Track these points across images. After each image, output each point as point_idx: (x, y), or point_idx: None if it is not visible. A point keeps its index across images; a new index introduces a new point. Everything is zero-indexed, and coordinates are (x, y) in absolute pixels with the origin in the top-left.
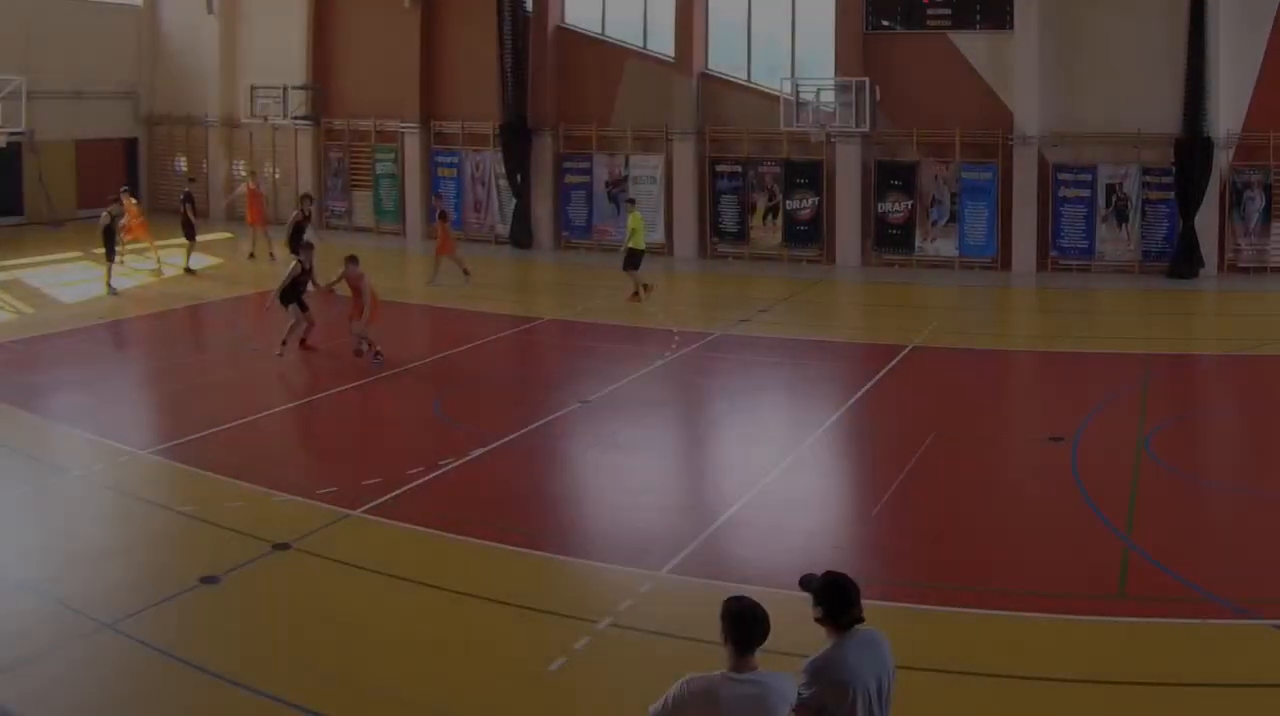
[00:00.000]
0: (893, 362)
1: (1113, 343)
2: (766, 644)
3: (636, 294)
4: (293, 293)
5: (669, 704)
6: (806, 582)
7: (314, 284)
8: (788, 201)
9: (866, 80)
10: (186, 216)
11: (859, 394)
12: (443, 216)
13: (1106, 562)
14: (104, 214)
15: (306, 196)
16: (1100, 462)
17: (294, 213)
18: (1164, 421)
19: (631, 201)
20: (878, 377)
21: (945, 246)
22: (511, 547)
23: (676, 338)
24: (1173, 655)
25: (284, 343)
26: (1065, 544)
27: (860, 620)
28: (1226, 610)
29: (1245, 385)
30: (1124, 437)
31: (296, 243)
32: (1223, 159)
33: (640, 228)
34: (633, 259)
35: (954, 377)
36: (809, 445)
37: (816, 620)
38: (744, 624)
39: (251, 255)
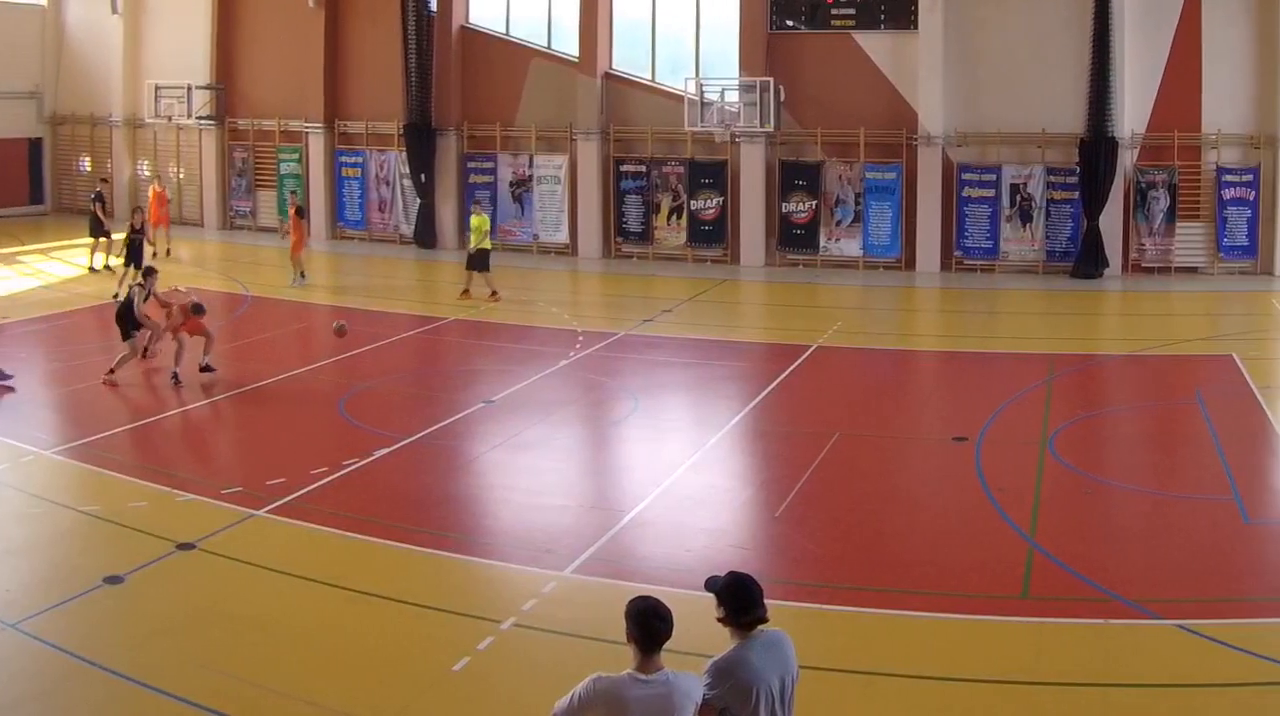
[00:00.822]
0: (797, 362)
1: (1016, 343)
2: (670, 643)
3: (467, 292)
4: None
5: (575, 702)
6: (711, 584)
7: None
8: (692, 201)
9: (771, 80)
10: (97, 215)
11: (763, 393)
12: (299, 212)
13: (1011, 562)
14: None
15: (138, 209)
16: (1004, 462)
17: (126, 226)
18: (1067, 421)
19: (477, 203)
20: (782, 377)
21: (849, 246)
22: (415, 548)
23: (580, 338)
24: (1078, 655)
25: (111, 371)
26: (969, 544)
27: (764, 621)
28: (1131, 610)
29: (1148, 385)
30: (1028, 437)
31: (135, 257)
32: (1127, 159)
33: (483, 228)
34: (478, 259)
35: (858, 377)
36: (713, 444)
37: (719, 620)
38: (648, 623)
39: (154, 255)
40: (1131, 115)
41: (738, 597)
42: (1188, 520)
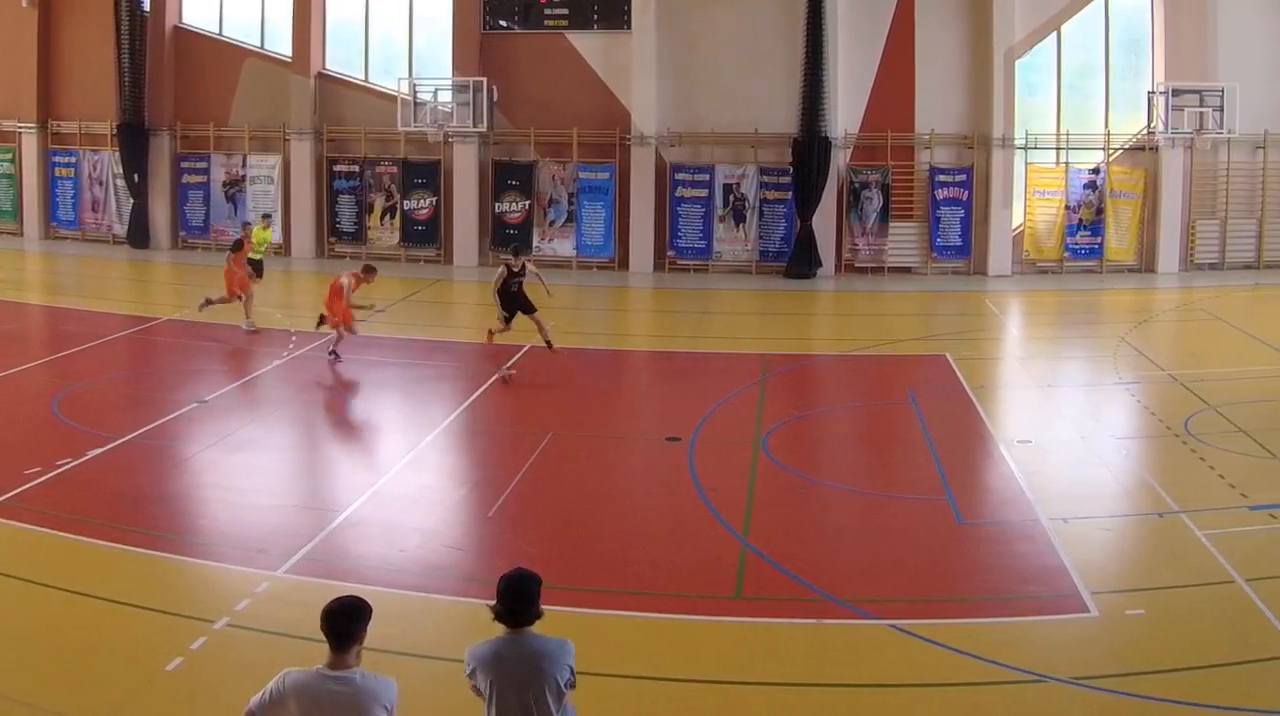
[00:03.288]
0: (511, 362)
1: (730, 343)
2: (387, 643)
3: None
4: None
5: (268, 697)
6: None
7: None
8: (405, 201)
9: (484, 80)
10: None
11: (477, 394)
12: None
13: (724, 562)
14: None
15: None
16: (717, 462)
17: None
18: (780, 421)
19: (266, 216)
20: (495, 377)
21: (563, 246)
22: (129, 548)
23: (294, 338)
24: (791, 655)
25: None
26: (683, 544)
27: (521, 622)
28: (844, 610)
29: (862, 385)
30: (741, 437)
31: None
32: (840, 159)
33: (265, 240)
34: (256, 266)
35: (572, 377)
36: (426, 445)
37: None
38: (333, 621)
39: None
40: (845, 115)
41: (500, 596)
42: (901, 520)
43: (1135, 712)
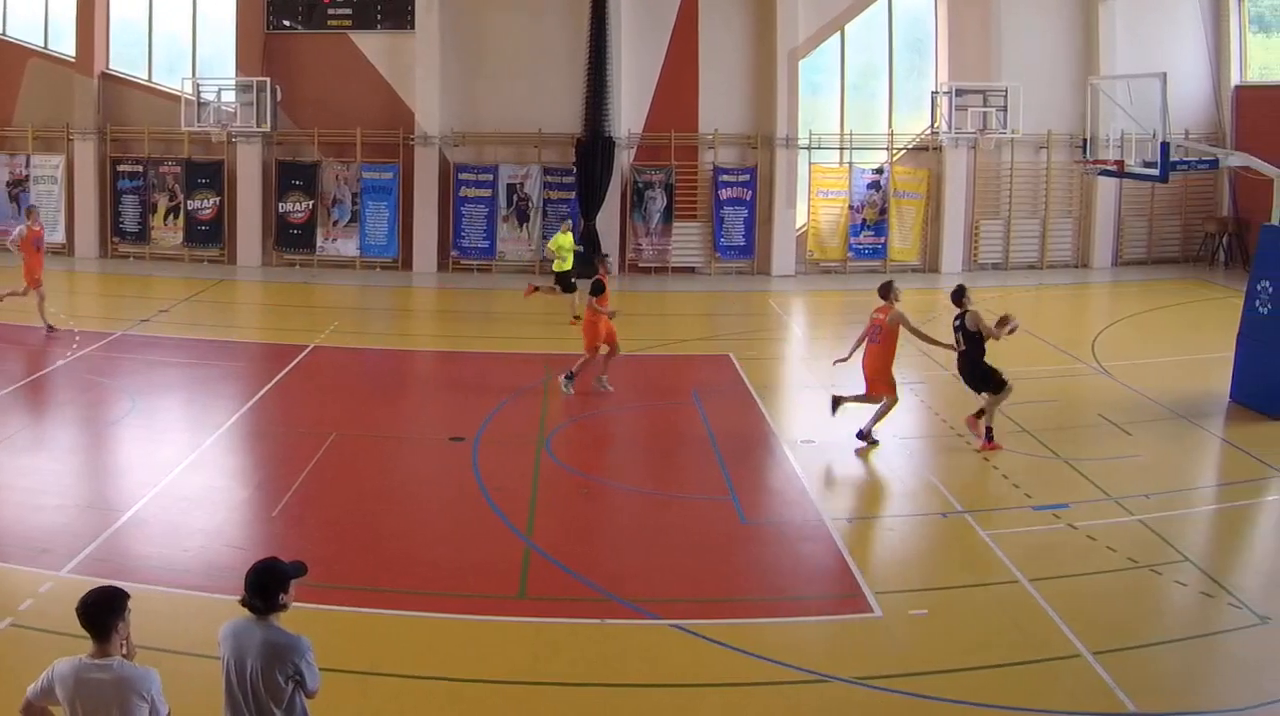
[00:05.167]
0: (294, 362)
1: (514, 343)
2: (166, 641)
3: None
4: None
5: (40, 686)
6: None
7: None
8: (189, 201)
9: (268, 80)
10: None
11: (260, 394)
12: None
13: (508, 562)
14: None
15: None
16: (501, 462)
17: None
18: (564, 421)
19: (565, 218)
20: (279, 378)
21: (346, 246)
22: None
23: (77, 338)
24: (576, 656)
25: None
26: (467, 544)
27: (255, 611)
28: (629, 610)
29: (646, 386)
30: (524, 437)
31: None
32: (624, 159)
33: (564, 246)
34: (562, 280)
35: (355, 377)
36: (209, 445)
37: None
38: (87, 614)
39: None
40: (629, 115)
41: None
42: (686, 520)
43: (919, 712)
